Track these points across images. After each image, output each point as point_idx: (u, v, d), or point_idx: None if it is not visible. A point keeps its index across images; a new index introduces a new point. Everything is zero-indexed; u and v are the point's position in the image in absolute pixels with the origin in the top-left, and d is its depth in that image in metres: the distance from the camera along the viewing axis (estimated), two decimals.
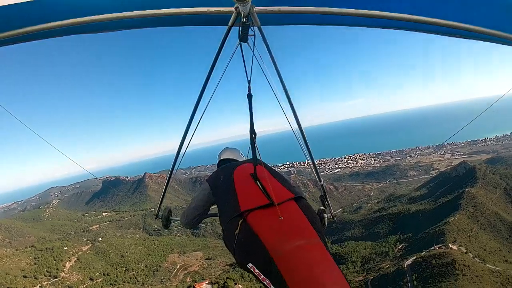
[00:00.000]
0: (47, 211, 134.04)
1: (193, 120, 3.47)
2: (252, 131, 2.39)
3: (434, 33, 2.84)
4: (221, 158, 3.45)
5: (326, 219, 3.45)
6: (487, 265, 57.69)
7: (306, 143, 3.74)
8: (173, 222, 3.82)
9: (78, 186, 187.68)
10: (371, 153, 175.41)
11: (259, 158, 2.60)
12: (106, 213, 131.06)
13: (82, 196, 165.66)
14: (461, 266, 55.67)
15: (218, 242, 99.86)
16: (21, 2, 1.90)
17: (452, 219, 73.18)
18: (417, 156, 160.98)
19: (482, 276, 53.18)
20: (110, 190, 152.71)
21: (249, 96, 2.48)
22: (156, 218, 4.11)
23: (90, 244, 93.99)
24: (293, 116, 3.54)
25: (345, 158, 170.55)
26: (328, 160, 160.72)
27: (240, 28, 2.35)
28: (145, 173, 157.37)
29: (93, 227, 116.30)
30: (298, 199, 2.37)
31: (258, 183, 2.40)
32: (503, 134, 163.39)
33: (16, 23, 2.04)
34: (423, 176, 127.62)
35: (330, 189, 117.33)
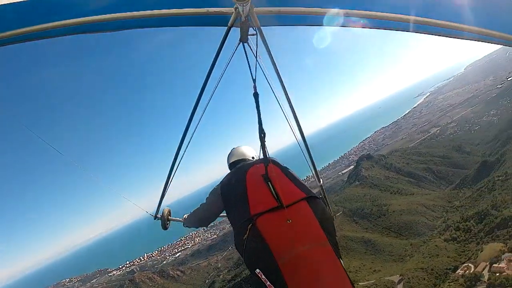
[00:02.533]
0: None
1: (193, 121, 3.35)
2: (261, 131, 2.29)
3: (433, 33, 2.74)
4: (231, 161, 3.30)
5: None
6: (360, 283, 60.13)
7: (306, 143, 3.77)
8: (171, 222, 3.91)
9: None
10: (204, 229, 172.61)
11: (270, 157, 2.50)
12: None
13: None
14: None
15: None
16: (21, 2, 1.90)
17: None
18: None
19: None
20: None
21: (255, 95, 2.41)
22: (155, 219, 4.09)
23: None
24: (293, 117, 3.52)
25: (181, 240, 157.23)
26: (166, 246, 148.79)
27: (240, 28, 2.37)
28: None
29: None
30: (310, 199, 2.24)
31: (270, 185, 2.27)
32: (325, 165, 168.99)
33: (16, 23, 2.02)
34: None
35: (177, 274, 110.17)
